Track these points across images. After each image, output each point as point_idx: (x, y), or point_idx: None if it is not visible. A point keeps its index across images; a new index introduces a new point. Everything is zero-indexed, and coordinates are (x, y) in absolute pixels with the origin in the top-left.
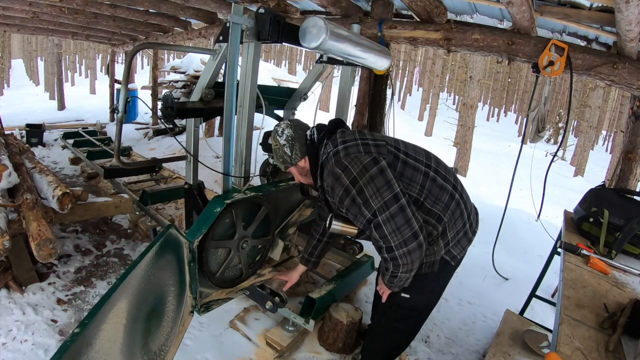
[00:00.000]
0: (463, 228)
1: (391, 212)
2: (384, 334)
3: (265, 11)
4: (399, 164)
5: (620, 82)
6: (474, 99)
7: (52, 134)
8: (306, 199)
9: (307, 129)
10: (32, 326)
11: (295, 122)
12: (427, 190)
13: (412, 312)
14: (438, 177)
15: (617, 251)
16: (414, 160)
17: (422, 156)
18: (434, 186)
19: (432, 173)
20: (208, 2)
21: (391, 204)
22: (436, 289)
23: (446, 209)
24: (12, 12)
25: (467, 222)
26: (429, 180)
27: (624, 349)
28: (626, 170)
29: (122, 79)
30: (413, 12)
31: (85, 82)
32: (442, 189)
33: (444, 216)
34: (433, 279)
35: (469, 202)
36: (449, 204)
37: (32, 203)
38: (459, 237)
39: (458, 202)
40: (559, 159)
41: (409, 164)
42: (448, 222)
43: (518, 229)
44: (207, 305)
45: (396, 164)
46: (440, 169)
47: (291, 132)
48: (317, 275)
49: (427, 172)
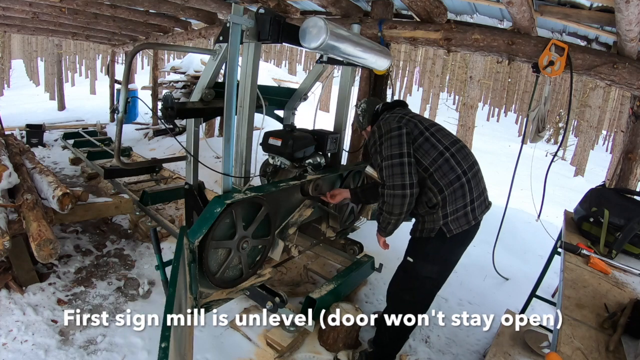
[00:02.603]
0: (463, 209)
1: (392, 162)
2: (394, 306)
3: (266, 11)
4: (420, 138)
5: (620, 82)
6: (474, 99)
7: (53, 134)
8: (306, 199)
9: (377, 104)
10: (33, 326)
11: (371, 99)
12: (438, 166)
13: (416, 280)
14: (452, 159)
15: (617, 251)
16: (437, 141)
17: (447, 141)
18: (445, 164)
19: (448, 155)
20: (208, 2)
21: (395, 157)
22: (436, 259)
23: (449, 185)
24: (12, 12)
25: (470, 206)
26: (442, 159)
27: (624, 349)
28: (626, 170)
29: (122, 80)
30: (413, 12)
31: (86, 83)
32: (452, 169)
33: (445, 190)
34: (432, 247)
35: (476, 191)
36: (454, 182)
37: (32, 203)
38: (458, 215)
39: (462, 184)
40: (559, 158)
41: (430, 141)
42: (448, 197)
43: (518, 229)
44: (207, 305)
45: (419, 137)
46: (458, 155)
47: (365, 106)
48: (317, 275)
49: (444, 152)
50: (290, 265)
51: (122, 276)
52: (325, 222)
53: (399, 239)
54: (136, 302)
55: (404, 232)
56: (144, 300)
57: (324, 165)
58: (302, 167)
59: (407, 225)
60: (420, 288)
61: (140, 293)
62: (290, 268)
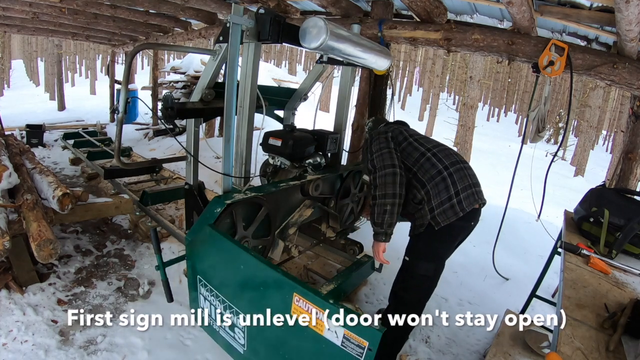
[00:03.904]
0: (449, 201)
1: (382, 152)
2: (394, 305)
3: (266, 11)
4: (404, 143)
5: (620, 82)
6: (474, 99)
7: (53, 134)
8: (306, 199)
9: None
10: (33, 327)
11: (378, 118)
12: (420, 165)
13: (412, 279)
14: (433, 157)
15: (617, 251)
16: (419, 144)
17: (429, 144)
18: (427, 162)
19: (429, 154)
20: (208, 2)
21: (384, 149)
22: (428, 254)
23: (431, 180)
24: (12, 12)
25: (455, 198)
26: (423, 158)
27: (624, 349)
28: (626, 170)
29: (122, 80)
30: (413, 12)
31: (86, 83)
32: (433, 166)
33: (428, 185)
34: (423, 242)
35: (460, 184)
36: (435, 177)
37: (32, 204)
38: (444, 208)
39: (444, 178)
40: (559, 158)
41: (412, 145)
42: (431, 190)
43: (518, 229)
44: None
45: (403, 142)
46: (440, 154)
47: (371, 124)
48: (317, 275)
49: (425, 153)
50: (290, 266)
51: (122, 276)
52: (325, 222)
53: (400, 238)
54: (136, 302)
55: (405, 232)
56: (144, 300)
57: (324, 166)
58: (302, 167)
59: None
60: (416, 287)
61: (140, 293)
62: (290, 268)
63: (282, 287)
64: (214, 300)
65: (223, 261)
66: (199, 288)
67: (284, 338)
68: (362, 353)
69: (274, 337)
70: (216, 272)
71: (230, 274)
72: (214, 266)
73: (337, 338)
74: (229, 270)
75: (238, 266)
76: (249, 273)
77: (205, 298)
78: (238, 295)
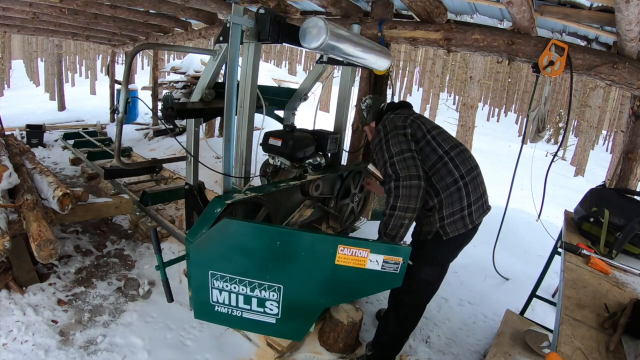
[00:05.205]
0: (460, 212)
1: (404, 156)
2: (394, 308)
3: (266, 12)
4: (422, 141)
5: (620, 82)
6: (474, 99)
7: (53, 134)
8: (306, 199)
9: (382, 102)
10: (33, 327)
11: (376, 97)
12: (436, 169)
13: (415, 283)
14: (450, 163)
15: (617, 251)
16: (437, 145)
17: (447, 145)
18: (443, 168)
19: (447, 159)
20: (208, 2)
21: (406, 151)
22: (433, 261)
23: (446, 188)
24: (12, 12)
25: (467, 210)
26: (440, 163)
27: (624, 348)
28: (626, 170)
29: (123, 80)
30: (413, 13)
31: (86, 83)
32: (449, 173)
33: (442, 193)
34: (429, 249)
35: (474, 195)
36: (450, 186)
37: (32, 204)
38: (455, 219)
39: (459, 188)
40: (559, 158)
41: (431, 145)
42: (445, 200)
43: (518, 229)
44: None
45: (421, 140)
46: (457, 159)
47: (370, 102)
48: None
49: (443, 156)
50: None
51: (122, 276)
52: (325, 222)
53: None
54: (136, 302)
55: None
56: (144, 300)
57: (324, 166)
58: (302, 167)
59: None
60: (418, 291)
61: (140, 293)
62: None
63: (325, 244)
64: (235, 287)
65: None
66: (211, 283)
67: (329, 283)
68: (397, 267)
69: (318, 285)
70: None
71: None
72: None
73: (377, 265)
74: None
75: (273, 244)
76: (287, 246)
77: (222, 290)
78: (271, 269)
